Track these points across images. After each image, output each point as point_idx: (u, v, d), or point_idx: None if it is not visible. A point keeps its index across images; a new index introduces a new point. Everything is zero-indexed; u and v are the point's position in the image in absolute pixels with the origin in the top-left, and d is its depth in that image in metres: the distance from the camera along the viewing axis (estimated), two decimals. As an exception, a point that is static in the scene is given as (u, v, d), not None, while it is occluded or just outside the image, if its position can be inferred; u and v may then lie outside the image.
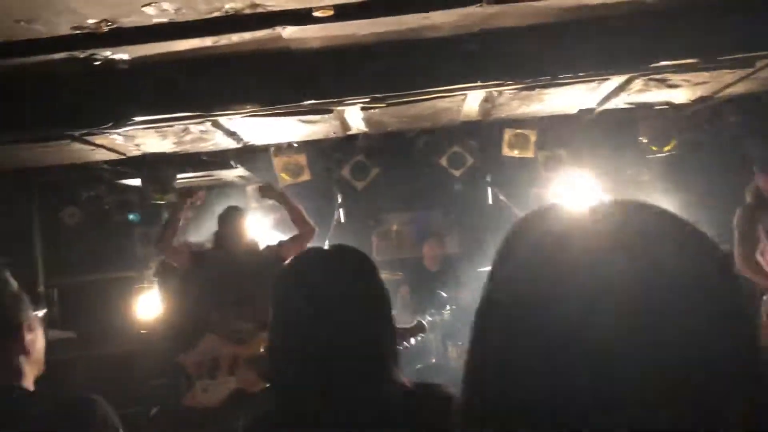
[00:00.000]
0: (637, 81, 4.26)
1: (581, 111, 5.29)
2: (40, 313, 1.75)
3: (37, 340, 1.71)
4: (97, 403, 1.65)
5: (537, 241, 0.75)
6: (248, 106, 4.00)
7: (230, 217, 4.89)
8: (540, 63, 3.96)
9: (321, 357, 1.45)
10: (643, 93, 4.68)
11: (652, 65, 3.86)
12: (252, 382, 4.36)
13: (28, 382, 1.68)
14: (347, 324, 1.47)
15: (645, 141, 5.53)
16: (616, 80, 4.25)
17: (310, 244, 5.00)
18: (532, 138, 5.78)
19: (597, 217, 0.75)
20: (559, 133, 6.33)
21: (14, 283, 1.69)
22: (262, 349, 4.34)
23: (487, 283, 0.79)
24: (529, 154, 5.84)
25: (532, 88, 4.23)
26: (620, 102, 4.96)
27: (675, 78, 4.29)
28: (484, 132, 5.98)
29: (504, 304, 0.74)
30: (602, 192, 6.55)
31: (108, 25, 3.10)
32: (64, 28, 3.09)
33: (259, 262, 4.73)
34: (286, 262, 1.62)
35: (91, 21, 3.04)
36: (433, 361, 5.49)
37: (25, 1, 2.72)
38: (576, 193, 6.42)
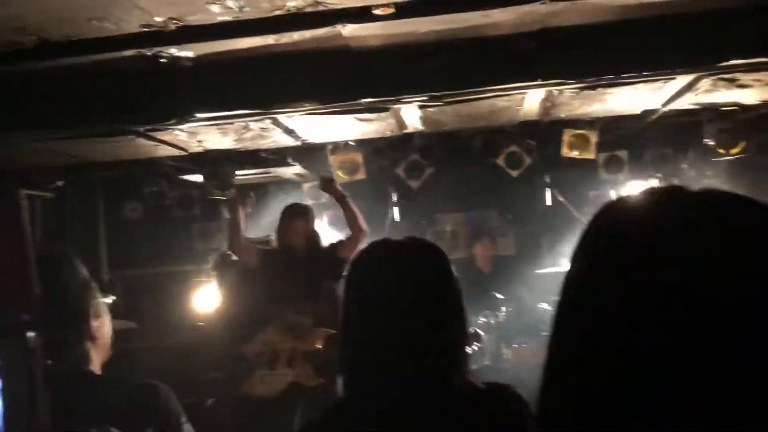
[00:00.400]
0: (704, 81, 4.13)
1: (645, 111, 5.15)
2: (108, 300, 1.81)
3: (103, 326, 1.76)
4: (159, 389, 1.70)
5: (621, 232, 0.72)
6: (307, 104, 4.04)
7: (292, 214, 4.91)
8: (602, 62, 3.88)
9: (393, 351, 1.44)
10: (711, 93, 4.53)
11: (721, 64, 3.73)
12: (308, 376, 4.43)
13: (96, 367, 1.74)
14: (421, 319, 1.44)
15: (711, 143, 5.35)
16: (683, 80, 4.13)
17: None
18: (593, 139, 5.66)
19: (677, 204, 0.71)
20: (620, 135, 6.19)
21: (84, 270, 1.75)
22: (319, 345, 4.42)
23: (570, 284, 0.76)
24: (590, 156, 5.72)
25: (593, 88, 4.14)
26: (686, 102, 4.81)
27: (745, 78, 4.14)
28: (543, 132, 5.88)
29: (584, 297, 0.71)
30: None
31: (174, 23, 3.18)
32: (133, 26, 3.18)
33: (319, 258, 4.79)
34: (355, 254, 1.60)
35: (158, 19, 3.12)
36: (488, 363, 5.44)
37: (98, 1, 2.81)
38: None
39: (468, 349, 1.56)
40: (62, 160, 5.21)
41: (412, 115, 4.52)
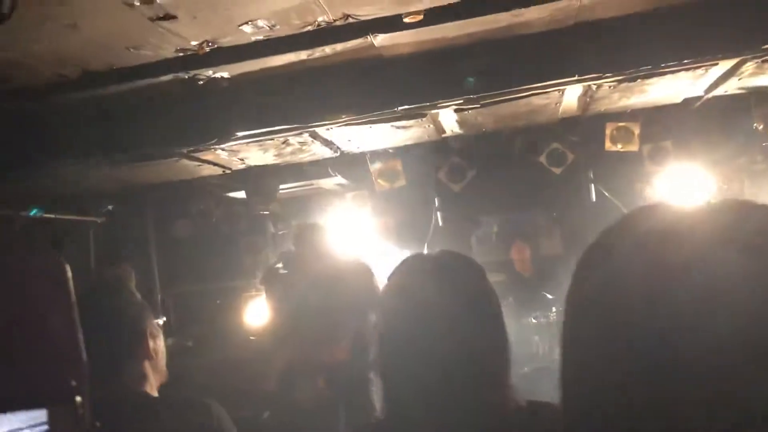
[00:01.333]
0: (748, 64, 4.00)
1: (687, 100, 5.02)
2: (160, 321, 1.88)
3: (158, 347, 1.81)
4: (212, 407, 1.73)
5: (641, 239, 0.70)
6: (344, 116, 4.07)
7: (307, 235, 4.88)
8: (640, 52, 3.80)
9: (430, 370, 1.41)
10: (757, 77, 4.39)
11: (766, 46, 3.61)
12: (343, 385, 4.38)
13: (152, 388, 1.79)
14: (456, 336, 1.42)
15: (761, 127, 5.18)
16: (725, 65, 4.01)
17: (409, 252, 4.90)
18: (636, 131, 5.56)
19: (707, 214, 0.70)
20: (664, 124, 6.05)
21: (138, 294, 1.80)
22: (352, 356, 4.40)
23: (578, 284, 0.75)
24: (634, 148, 5.62)
25: (633, 79, 4.06)
26: (731, 87, 4.68)
27: (792, 58, 4.00)
28: (585, 127, 5.80)
29: (603, 306, 0.69)
30: (713, 183, 6.22)
31: (209, 46, 3.24)
32: (169, 52, 3.26)
33: (345, 275, 4.67)
34: (392, 271, 1.60)
35: (194, 43, 3.19)
36: (541, 364, 5.37)
37: (134, 29, 2.89)
38: (685, 185, 6.12)
39: (508, 363, 1.51)
40: (112, 185, 5.36)
41: (449, 119, 4.50)
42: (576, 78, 3.88)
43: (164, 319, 6.03)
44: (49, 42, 2.92)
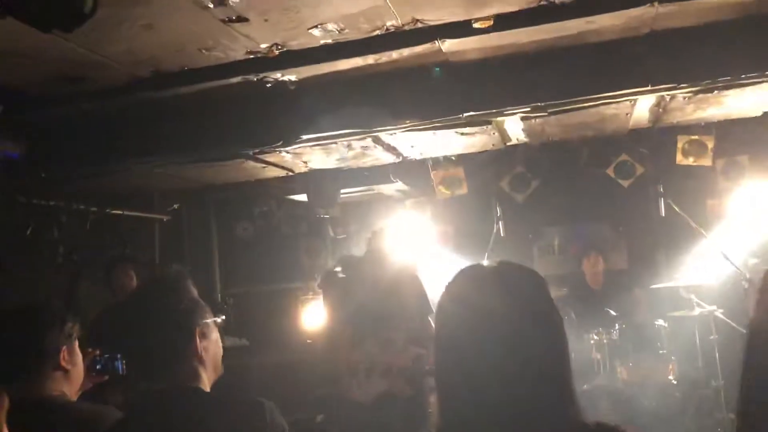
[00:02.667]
0: (835, 77, 3.80)
1: (766, 113, 4.81)
2: (219, 319, 1.89)
3: (211, 345, 1.82)
4: (266, 407, 1.72)
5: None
6: (408, 121, 4.05)
7: (376, 240, 5.01)
8: (719, 63, 3.66)
9: (488, 380, 1.36)
10: (843, 91, 4.16)
11: None
12: (401, 388, 4.46)
13: (204, 385, 1.79)
14: (516, 347, 1.35)
15: None
16: (810, 77, 3.82)
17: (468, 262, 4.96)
18: (710, 144, 5.34)
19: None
20: (740, 138, 5.81)
21: (194, 291, 1.81)
22: (410, 363, 4.44)
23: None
24: (707, 162, 5.40)
25: (710, 90, 3.90)
26: (814, 101, 4.46)
27: None
28: (655, 139, 5.61)
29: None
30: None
31: (278, 49, 3.28)
32: (239, 54, 3.32)
33: (406, 280, 4.84)
34: (450, 280, 1.55)
35: (263, 46, 3.24)
36: (601, 381, 5.22)
37: (206, 30, 2.94)
38: (759, 203, 5.85)
39: (571, 378, 1.44)
40: (178, 184, 5.48)
41: (515, 126, 4.43)
42: (649, 88, 3.76)
43: (223, 317, 6.13)
44: (125, 43, 3.00)
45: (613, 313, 5.24)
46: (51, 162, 4.30)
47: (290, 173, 5.35)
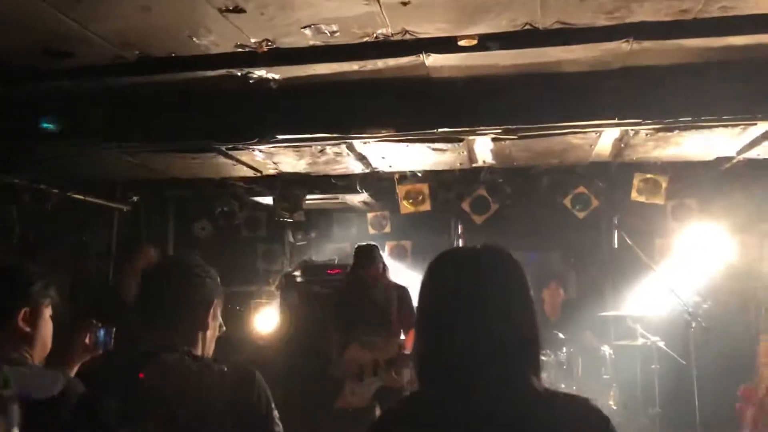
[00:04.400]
0: (786, 128, 4.07)
1: (719, 158, 5.08)
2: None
3: (216, 322, 1.89)
4: (256, 375, 1.80)
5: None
6: (384, 131, 4.14)
7: (365, 255, 5.27)
8: (681, 103, 3.88)
9: (462, 347, 1.47)
10: (790, 142, 4.45)
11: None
12: (393, 379, 4.99)
13: (205, 352, 1.86)
14: (490, 318, 1.49)
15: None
16: (763, 126, 4.08)
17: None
18: (664, 184, 5.60)
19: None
20: (691, 181, 6.10)
21: (214, 272, 1.90)
22: (398, 351, 5.08)
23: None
24: (660, 201, 5.66)
25: (671, 129, 4.13)
26: (763, 151, 4.74)
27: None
28: (613, 174, 5.86)
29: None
30: (733, 246, 6.22)
31: (268, 45, 3.34)
32: (228, 46, 3.36)
33: (388, 291, 5.31)
34: (432, 260, 1.67)
35: (254, 40, 3.29)
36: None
37: (201, 18, 2.98)
38: (704, 246, 6.13)
39: (543, 356, 1.59)
40: (143, 175, 5.43)
41: (484, 147, 4.58)
42: (616, 121, 3.95)
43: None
44: (119, 21, 3.02)
45: (561, 335, 5.40)
46: (19, 137, 4.24)
47: (258, 174, 5.37)
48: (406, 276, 6.16)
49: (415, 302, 1.70)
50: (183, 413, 1.70)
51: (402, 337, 5.27)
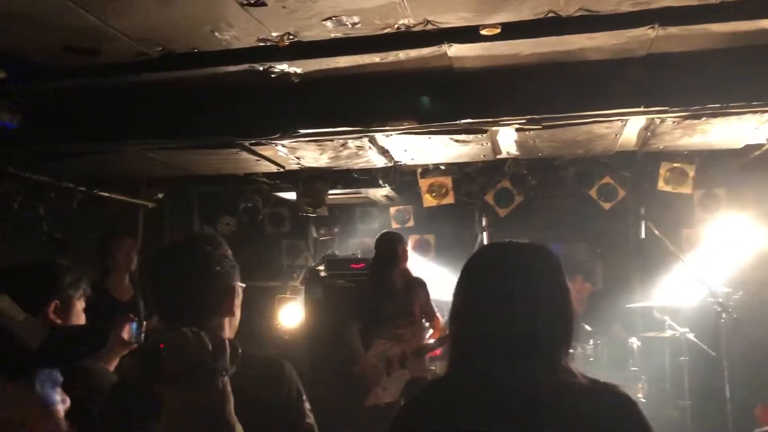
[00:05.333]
0: (818, 114, 3.97)
1: (748, 146, 4.98)
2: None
3: (239, 306, 1.86)
4: (286, 366, 1.79)
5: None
6: (406, 123, 4.12)
7: (386, 242, 5.35)
8: (709, 90, 3.80)
9: (495, 335, 1.51)
10: (823, 129, 4.35)
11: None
12: (423, 369, 5.08)
13: None
14: (525, 309, 1.53)
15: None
16: (794, 112, 3.98)
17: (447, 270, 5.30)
18: (691, 173, 5.51)
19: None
20: (719, 170, 6.00)
21: (230, 253, 1.86)
22: (428, 340, 5.21)
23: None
24: (687, 190, 5.57)
25: (698, 117, 4.04)
26: (794, 138, 4.64)
27: None
28: (639, 164, 5.78)
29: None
30: (763, 235, 6.10)
31: (290, 39, 3.34)
32: (251, 40, 3.36)
33: (412, 284, 5.35)
34: (475, 252, 1.69)
35: (275, 34, 3.29)
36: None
37: (222, 12, 2.99)
38: (733, 235, 6.02)
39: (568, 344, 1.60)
40: (167, 172, 5.46)
41: (508, 138, 4.53)
42: (642, 109, 3.89)
43: (244, 285, 6.16)
44: (140, 17, 3.03)
45: (588, 328, 5.34)
46: (45, 135, 4.29)
47: (281, 169, 5.38)
48: (430, 270, 6.14)
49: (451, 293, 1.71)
50: None
51: (427, 327, 5.35)
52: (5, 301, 1.03)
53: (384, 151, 4.91)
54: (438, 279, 5.66)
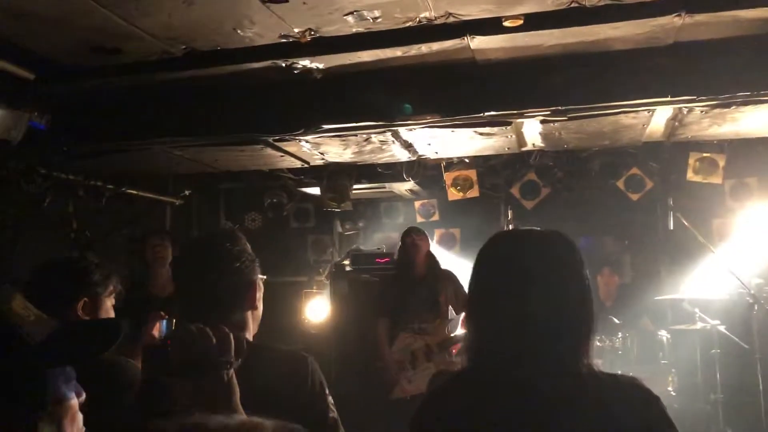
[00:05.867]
0: None
1: (779, 134, 4.87)
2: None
3: (260, 299, 1.86)
4: (308, 360, 1.79)
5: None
6: (429, 117, 4.10)
7: (413, 236, 5.40)
8: (739, 78, 3.72)
9: (514, 325, 1.48)
10: None
11: None
12: (448, 362, 5.07)
13: (251, 335, 1.84)
14: (544, 297, 1.49)
15: None
16: (826, 98, 3.89)
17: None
18: (721, 163, 5.41)
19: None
20: (749, 160, 5.89)
21: (249, 248, 1.86)
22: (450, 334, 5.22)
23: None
24: (717, 180, 5.47)
25: (727, 106, 3.96)
26: (828, 125, 4.52)
27: None
28: (667, 154, 5.69)
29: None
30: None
31: (311, 34, 3.34)
32: (272, 37, 3.37)
33: (437, 277, 5.40)
34: (491, 238, 1.66)
35: (297, 30, 3.29)
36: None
37: (245, 10, 3.00)
38: (765, 226, 5.90)
39: (598, 341, 1.57)
40: (193, 169, 5.51)
41: (533, 130, 4.48)
42: (669, 99, 3.82)
43: (265, 277, 6.23)
44: (163, 16, 3.06)
45: (616, 321, 5.28)
46: (73, 135, 4.35)
47: (305, 165, 5.40)
48: (456, 264, 6.12)
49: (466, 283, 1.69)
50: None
51: (454, 319, 5.38)
52: (17, 300, 1.05)
53: (408, 145, 4.89)
54: (464, 273, 5.64)
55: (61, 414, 1.06)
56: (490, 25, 3.30)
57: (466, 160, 5.84)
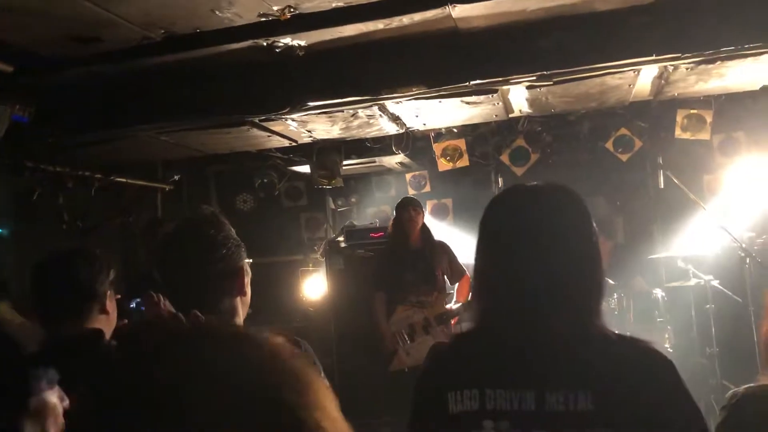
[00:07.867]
0: (836, 49, 3.86)
1: (765, 87, 4.87)
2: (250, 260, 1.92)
3: (248, 283, 1.85)
4: (301, 343, 1.78)
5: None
6: (414, 88, 4.08)
7: (407, 207, 5.35)
8: (722, 33, 3.70)
9: (522, 284, 1.44)
10: (843, 64, 4.23)
11: None
12: (447, 334, 5.07)
13: (241, 320, 1.83)
14: (551, 259, 1.44)
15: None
16: (812, 49, 3.88)
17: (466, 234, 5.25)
18: (708, 119, 5.42)
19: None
20: (736, 115, 5.90)
21: (234, 232, 1.84)
22: (447, 306, 5.23)
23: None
24: (705, 137, 5.48)
25: (712, 61, 3.95)
26: (814, 76, 4.52)
27: None
28: (654, 113, 5.69)
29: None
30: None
31: (291, 11, 3.30)
32: (252, 16, 3.33)
33: (433, 249, 5.38)
34: (499, 194, 1.64)
35: (276, 7, 3.25)
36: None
37: (221, -10, 2.96)
38: (755, 179, 5.93)
39: (601, 289, 1.51)
40: (181, 153, 5.48)
41: (519, 96, 4.47)
42: (653, 57, 3.80)
43: (250, 260, 6.24)
44: (139, 0, 3.01)
45: (611, 282, 5.33)
46: (58, 127, 4.31)
47: (294, 143, 5.38)
48: (449, 234, 6.14)
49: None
50: None
51: (450, 290, 5.38)
52: (3, 305, 1.05)
53: (395, 118, 4.88)
54: (457, 242, 5.66)
55: (45, 415, 1.06)
56: (472, -8, 3.27)
57: (455, 130, 5.82)
